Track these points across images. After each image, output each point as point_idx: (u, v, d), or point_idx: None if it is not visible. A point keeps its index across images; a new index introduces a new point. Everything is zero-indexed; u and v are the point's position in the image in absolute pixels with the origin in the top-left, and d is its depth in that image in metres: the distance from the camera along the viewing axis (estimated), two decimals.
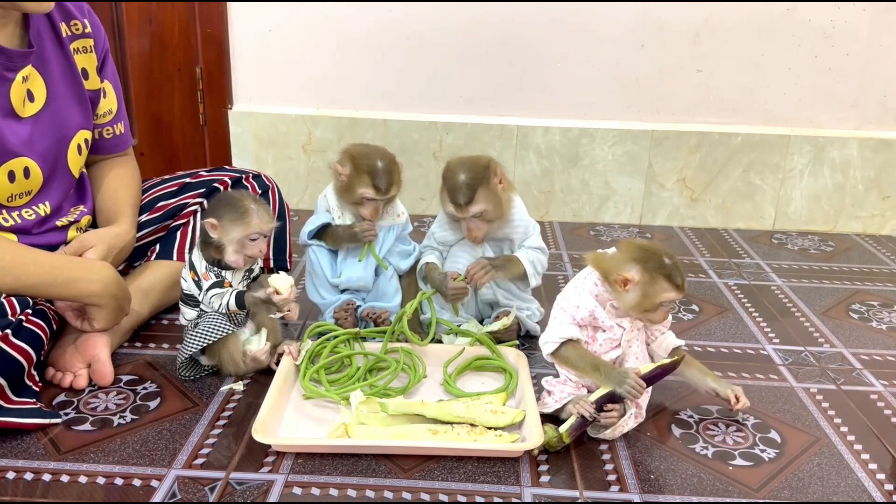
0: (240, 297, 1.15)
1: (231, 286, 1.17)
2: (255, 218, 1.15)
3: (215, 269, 1.17)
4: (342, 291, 1.38)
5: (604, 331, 1.09)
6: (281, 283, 1.15)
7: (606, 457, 1.04)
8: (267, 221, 1.16)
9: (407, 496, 0.95)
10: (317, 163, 2.11)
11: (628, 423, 1.07)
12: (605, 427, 1.05)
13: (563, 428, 1.03)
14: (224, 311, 1.17)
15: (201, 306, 1.19)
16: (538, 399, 1.12)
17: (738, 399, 1.12)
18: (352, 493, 0.95)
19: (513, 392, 1.18)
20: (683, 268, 1.05)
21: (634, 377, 1.04)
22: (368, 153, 1.30)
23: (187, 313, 1.21)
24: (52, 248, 1.23)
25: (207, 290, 1.16)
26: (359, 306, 1.38)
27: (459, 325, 1.34)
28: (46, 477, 0.96)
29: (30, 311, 1.08)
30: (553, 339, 1.09)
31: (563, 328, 1.08)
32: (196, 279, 1.18)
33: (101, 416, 1.10)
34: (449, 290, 1.28)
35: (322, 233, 1.36)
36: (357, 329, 1.32)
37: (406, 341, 1.28)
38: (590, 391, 1.09)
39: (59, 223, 1.27)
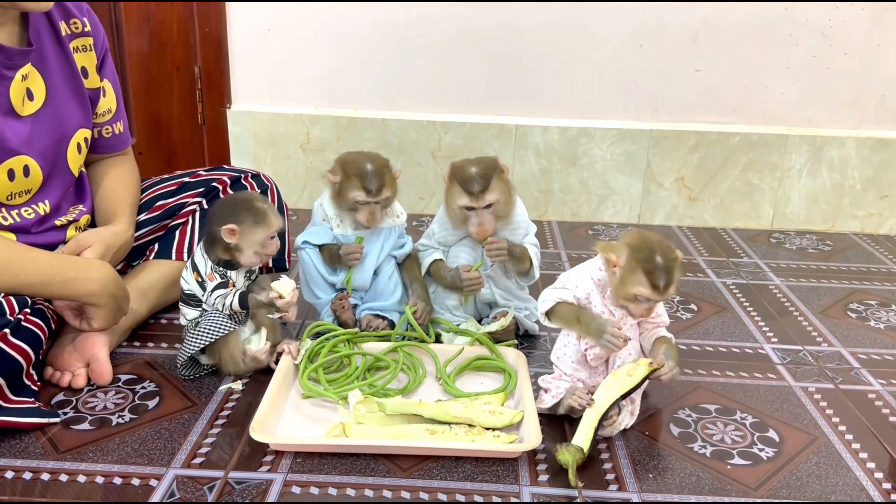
0: (243, 298, 1.15)
1: (235, 286, 1.18)
2: (273, 216, 1.17)
3: (221, 269, 1.17)
4: (339, 290, 1.38)
5: None
6: (283, 287, 1.16)
7: (605, 456, 1.04)
8: (279, 218, 1.19)
9: (406, 495, 0.95)
10: (315, 162, 2.11)
11: (625, 419, 1.07)
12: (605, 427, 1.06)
13: (582, 441, 1.01)
14: (228, 311, 1.17)
15: (204, 306, 1.19)
16: (536, 399, 1.12)
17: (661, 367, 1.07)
18: (350, 492, 0.95)
19: (511, 392, 1.18)
20: (677, 273, 1.03)
21: (612, 329, 1.03)
22: (357, 158, 1.30)
23: (188, 313, 1.21)
24: (51, 247, 1.23)
25: (213, 290, 1.16)
26: (356, 305, 1.38)
27: (458, 325, 1.34)
28: (45, 476, 0.96)
29: (28, 310, 1.08)
30: (548, 298, 1.10)
31: (559, 292, 1.10)
32: (200, 280, 1.18)
33: (100, 415, 1.10)
34: (464, 282, 1.29)
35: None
36: (356, 329, 1.32)
37: (414, 338, 1.29)
38: (585, 385, 1.10)
39: (57, 222, 1.27)
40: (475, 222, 1.27)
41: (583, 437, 1.01)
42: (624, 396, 1.05)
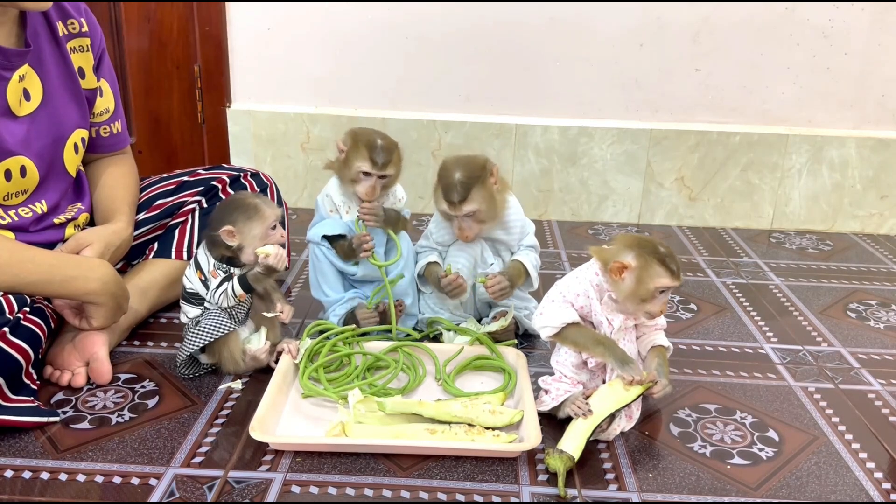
0: (243, 279, 1.16)
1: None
2: (266, 208, 1.16)
3: (224, 265, 1.17)
4: (352, 286, 1.38)
5: (594, 326, 1.09)
6: (267, 247, 1.15)
7: (605, 455, 1.04)
8: (274, 207, 1.18)
9: (405, 495, 0.95)
10: (315, 161, 2.11)
11: (621, 423, 1.07)
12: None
13: (572, 447, 1.00)
14: (232, 301, 1.17)
15: (206, 304, 1.19)
16: (536, 399, 1.12)
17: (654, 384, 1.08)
18: (350, 491, 0.95)
19: (511, 392, 1.18)
20: (678, 259, 1.05)
21: (636, 363, 1.05)
22: (369, 131, 1.32)
23: (190, 312, 1.21)
24: (50, 245, 1.23)
25: (216, 287, 1.16)
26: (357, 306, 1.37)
27: (459, 325, 1.34)
28: (44, 475, 0.96)
29: (28, 309, 1.08)
30: (553, 323, 1.09)
31: (563, 312, 1.09)
32: (203, 278, 1.18)
33: (100, 414, 1.10)
34: (446, 289, 1.29)
35: (332, 240, 1.35)
36: (353, 326, 1.32)
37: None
38: (585, 388, 1.10)
39: (56, 221, 1.27)
40: (456, 226, 1.28)
41: (574, 445, 1.00)
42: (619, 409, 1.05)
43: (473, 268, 1.34)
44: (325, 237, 1.33)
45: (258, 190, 1.50)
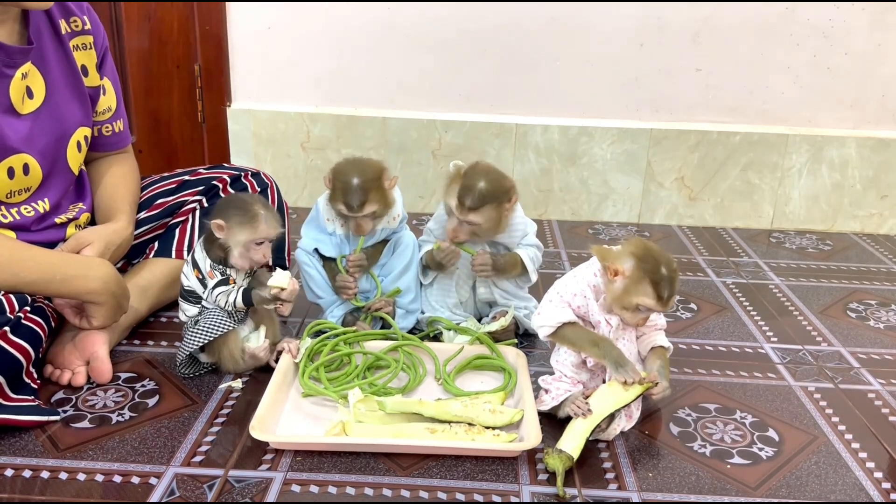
0: (247, 296, 1.15)
1: (236, 283, 1.18)
2: (263, 223, 1.15)
3: (220, 266, 1.17)
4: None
5: (593, 326, 1.09)
6: (281, 280, 1.15)
7: (604, 455, 1.04)
8: (274, 227, 1.16)
9: (405, 494, 0.95)
10: (315, 161, 2.11)
11: (621, 423, 1.07)
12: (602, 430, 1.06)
13: (571, 447, 1.00)
14: (230, 308, 1.17)
15: (204, 303, 1.19)
16: (536, 398, 1.12)
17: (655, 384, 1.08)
18: (350, 490, 0.95)
19: (511, 391, 1.18)
20: (677, 286, 1.03)
21: (632, 364, 1.05)
22: (347, 170, 1.27)
23: (188, 310, 1.21)
24: (51, 245, 1.23)
25: (213, 288, 1.16)
26: (358, 309, 1.37)
27: (459, 324, 1.34)
28: (45, 474, 0.96)
29: (28, 308, 1.08)
30: (550, 322, 1.09)
31: (560, 312, 1.09)
32: (200, 277, 1.18)
33: (100, 413, 1.10)
34: (442, 258, 1.30)
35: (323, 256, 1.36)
36: (355, 328, 1.32)
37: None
38: (585, 387, 1.10)
39: (57, 220, 1.27)
40: (452, 224, 1.27)
41: (573, 445, 1.00)
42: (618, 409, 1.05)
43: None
44: (315, 250, 1.34)
45: (258, 190, 1.49)
